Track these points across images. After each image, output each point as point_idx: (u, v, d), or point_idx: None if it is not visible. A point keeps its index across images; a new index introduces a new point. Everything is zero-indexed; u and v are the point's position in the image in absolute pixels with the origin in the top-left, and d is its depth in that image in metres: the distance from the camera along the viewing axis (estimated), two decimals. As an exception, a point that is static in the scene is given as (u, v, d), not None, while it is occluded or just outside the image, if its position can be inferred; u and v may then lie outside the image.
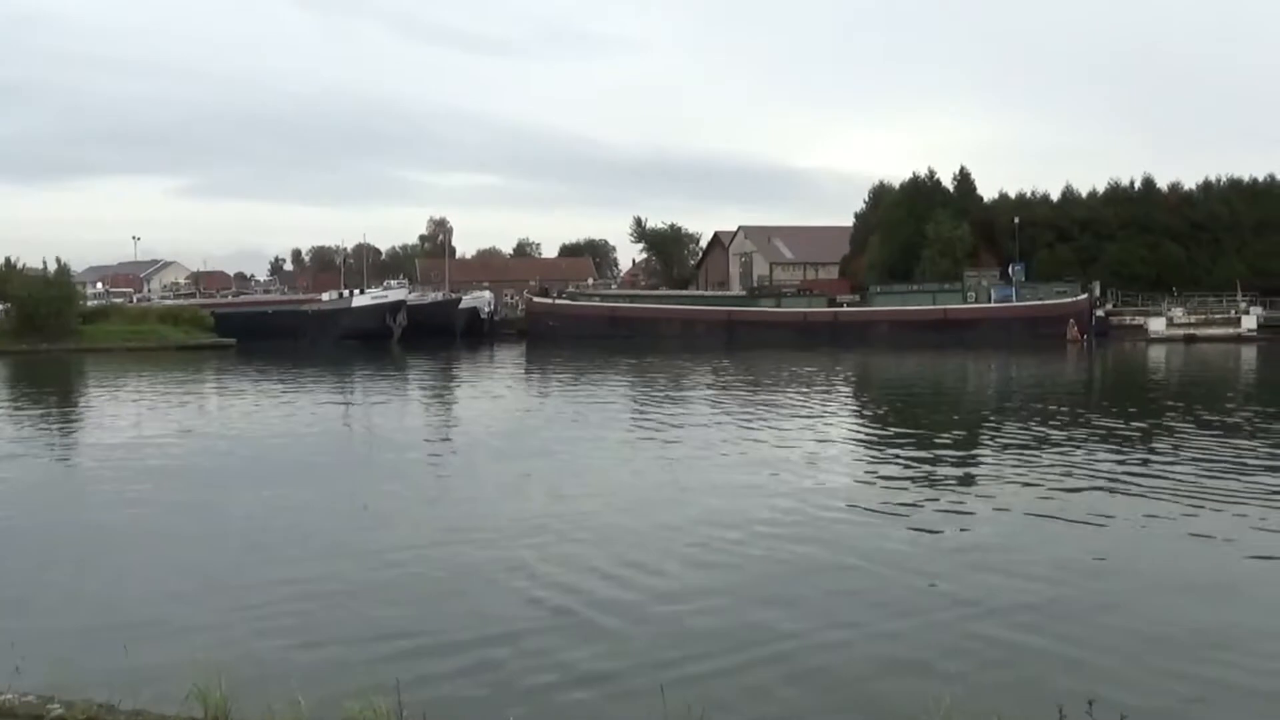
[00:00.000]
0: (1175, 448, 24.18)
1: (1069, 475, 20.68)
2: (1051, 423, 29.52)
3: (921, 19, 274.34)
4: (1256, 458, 22.55)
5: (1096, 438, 26.20)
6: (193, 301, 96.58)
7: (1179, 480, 19.88)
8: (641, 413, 33.77)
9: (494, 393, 42.28)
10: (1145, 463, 22.17)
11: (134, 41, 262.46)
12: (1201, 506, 17.54)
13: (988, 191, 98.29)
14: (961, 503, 18.24)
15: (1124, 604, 12.37)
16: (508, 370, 56.67)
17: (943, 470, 21.96)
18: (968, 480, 20.83)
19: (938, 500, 18.48)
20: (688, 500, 18.49)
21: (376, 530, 16.34)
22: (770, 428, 28.74)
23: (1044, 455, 23.36)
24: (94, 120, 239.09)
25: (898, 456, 23.70)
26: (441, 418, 34.94)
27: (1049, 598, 12.52)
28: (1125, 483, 19.75)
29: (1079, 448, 24.38)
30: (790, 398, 37.93)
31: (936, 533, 16.02)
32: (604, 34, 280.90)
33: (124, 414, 34.42)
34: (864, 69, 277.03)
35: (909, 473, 21.54)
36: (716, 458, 23.49)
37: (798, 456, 23.45)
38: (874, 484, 20.17)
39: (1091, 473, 21.02)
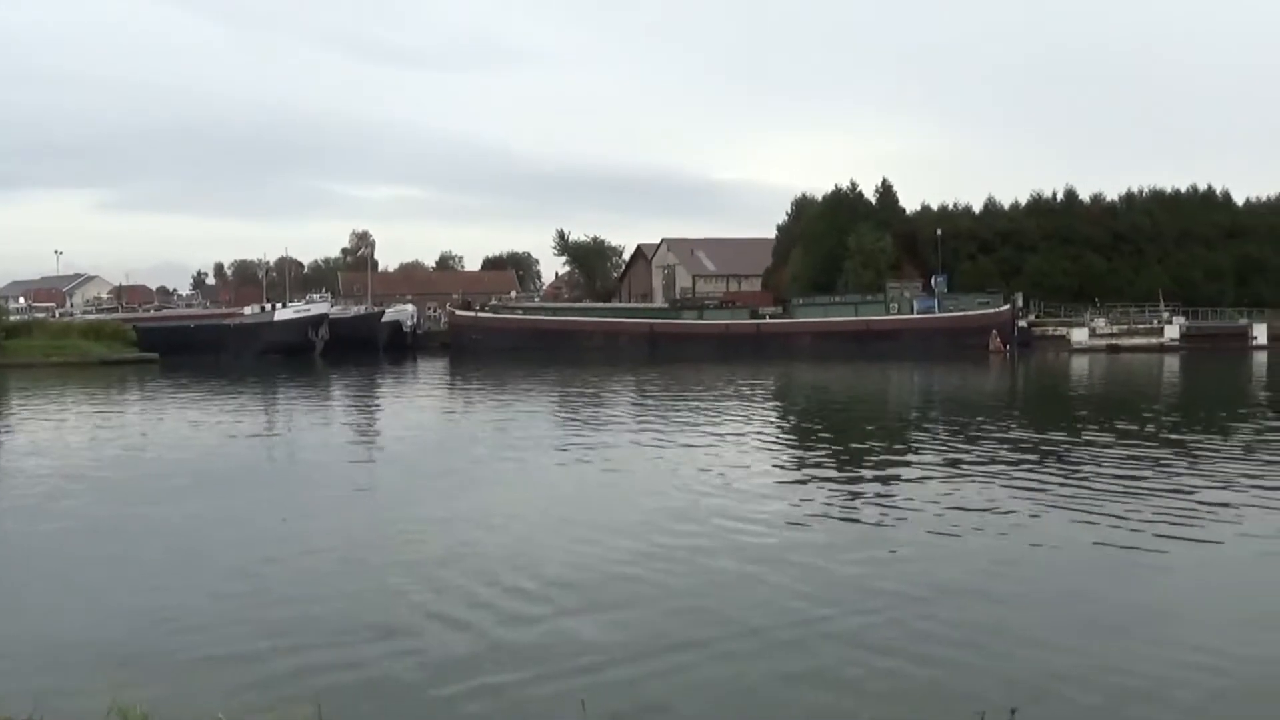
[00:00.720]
0: (1094, 457, 24.42)
1: (989, 484, 20.86)
2: (971, 433, 29.70)
3: (845, 32, 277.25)
4: (1174, 465, 22.95)
5: (1015, 447, 26.62)
6: (115, 316, 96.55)
7: (1097, 489, 20.06)
8: (563, 426, 33.74)
9: (417, 406, 42.19)
10: (1062, 471, 22.52)
11: (54, 54, 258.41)
12: (1119, 515, 17.69)
13: (910, 203, 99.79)
14: (882, 513, 18.26)
15: (1035, 612, 12.45)
16: (431, 384, 56.49)
17: (865, 481, 22.11)
18: (887, 491, 20.86)
19: (858, 511, 18.60)
20: (604, 512, 18.52)
21: (295, 543, 16.37)
22: (690, 441, 28.62)
23: (964, 465, 23.50)
24: (15, 134, 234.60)
25: (817, 468, 23.73)
26: (363, 431, 34.72)
27: (965, 607, 12.60)
28: (1042, 491, 19.98)
29: (998, 457, 24.60)
30: (711, 410, 37.87)
31: (857, 544, 15.99)
32: (526, 47, 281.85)
33: (45, 429, 34.14)
34: (787, 81, 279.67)
35: (828, 484, 21.52)
36: (635, 471, 23.45)
37: (716, 469, 23.37)
38: (792, 495, 20.15)
39: (1011, 482, 21.18)
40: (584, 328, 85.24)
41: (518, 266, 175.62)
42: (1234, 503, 18.71)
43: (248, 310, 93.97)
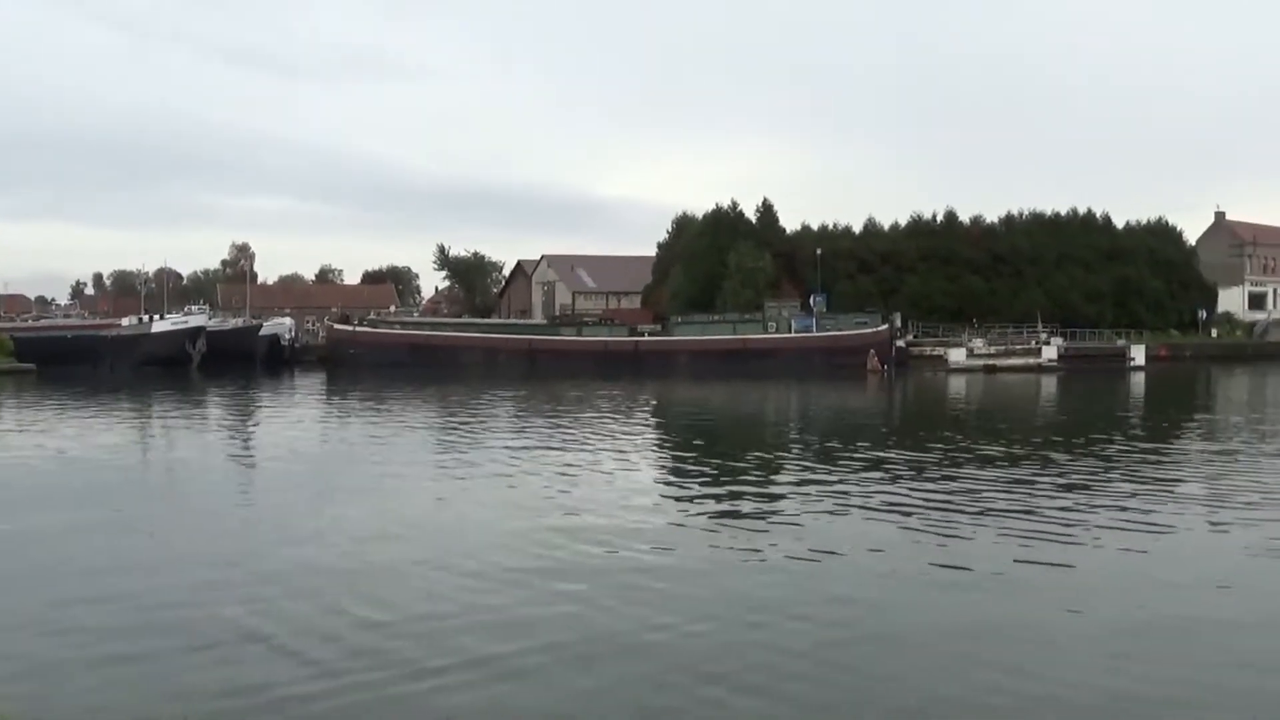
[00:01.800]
0: (961, 476, 25.06)
1: (863, 503, 21.28)
2: (844, 453, 30.17)
3: (729, 52, 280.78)
4: (1039, 485, 23.56)
5: (887, 467, 26.93)
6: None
7: (969, 509, 20.62)
8: (438, 442, 33.75)
9: (292, 421, 41.65)
10: (934, 491, 22.83)
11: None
12: (968, 534, 18.24)
13: (790, 223, 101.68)
14: (747, 535, 18.50)
15: (894, 636, 12.68)
16: (307, 398, 55.89)
17: (736, 501, 22.20)
18: (755, 511, 21.10)
19: (725, 532, 18.77)
20: (473, 530, 18.71)
21: (159, 553, 16.60)
22: (562, 459, 28.75)
23: (836, 484, 23.87)
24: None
25: (689, 488, 24.02)
26: (237, 446, 34.32)
27: (839, 628, 12.89)
28: (914, 511, 20.36)
29: (869, 477, 25.05)
30: (587, 428, 38.00)
31: (717, 566, 16.19)
32: (410, 60, 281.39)
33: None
34: (670, 99, 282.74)
35: (699, 503, 21.83)
36: (508, 488, 23.64)
37: (589, 486, 23.75)
38: (666, 513, 20.49)
39: (881, 500, 21.64)
40: (463, 343, 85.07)
41: (398, 281, 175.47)
42: (1094, 523, 19.10)
43: (125, 321, 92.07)
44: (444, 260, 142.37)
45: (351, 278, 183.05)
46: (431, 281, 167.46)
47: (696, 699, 10.57)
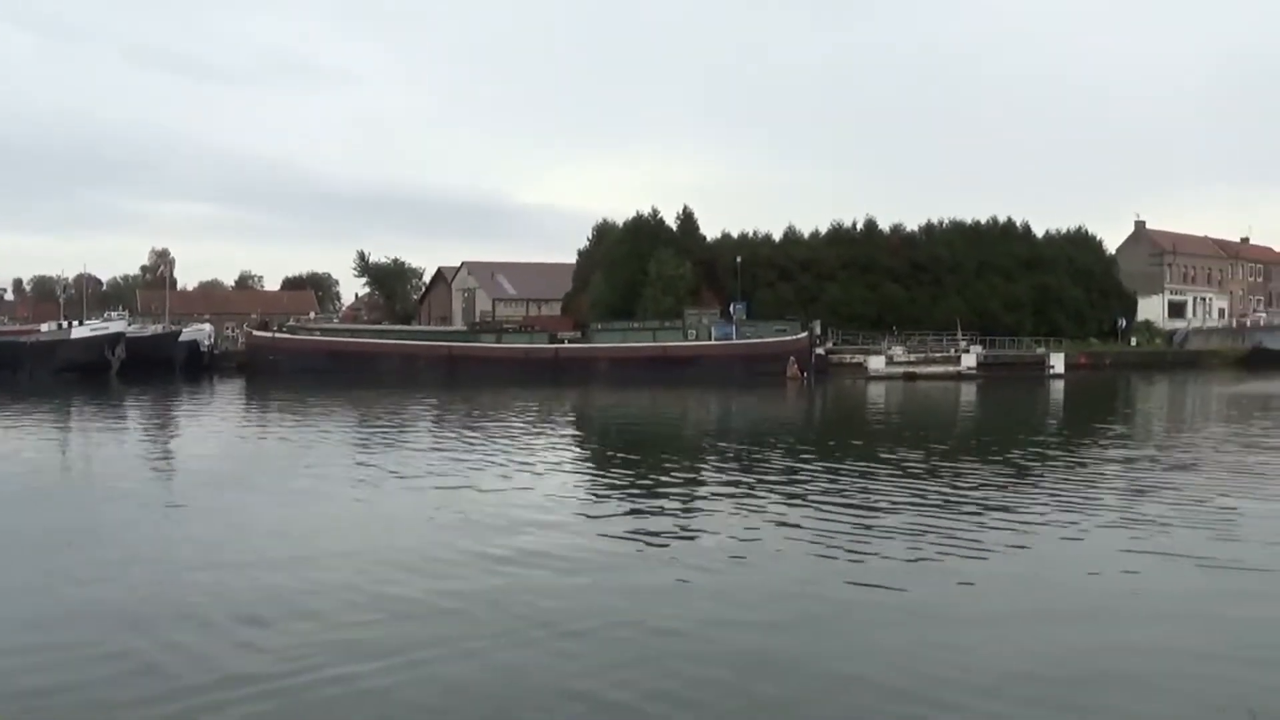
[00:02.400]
0: (878, 484, 25.33)
1: (779, 514, 21.34)
2: (762, 460, 30.85)
3: (649, 60, 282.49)
4: (947, 492, 23.99)
5: (804, 473, 27.27)
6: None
7: (879, 519, 20.91)
8: (355, 450, 33.72)
9: (211, 429, 41.73)
10: (847, 501, 23.00)
11: None
12: (902, 541, 18.59)
13: (711, 231, 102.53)
14: (664, 544, 18.71)
15: (816, 643, 12.90)
16: (226, 405, 55.81)
17: (651, 511, 22.30)
18: (672, 517, 21.41)
19: (638, 542, 18.93)
20: (384, 541, 18.77)
21: (76, 566, 16.50)
22: (477, 468, 28.79)
23: (751, 493, 24.20)
24: None
25: (605, 495, 24.39)
26: (154, 453, 34.22)
27: (766, 638, 13.01)
28: (826, 521, 20.56)
29: (786, 484, 25.39)
30: (505, 436, 38.22)
31: (636, 581, 16.21)
32: (332, 66, 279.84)
33: None
34: (591, 106, 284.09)
35: (613, 512, 22.05)
36: (419, 498, 23.73)
37: (505, 495, 23.94)
38: (577, 523, 20.68)
39: (796, 511, 21.75)
40: (382, 350, 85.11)
41: (317, 287, 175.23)
42: (996, 538, 19.24)
43: (44, 327, 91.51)
44: (364, 267, 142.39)
45: (271, 284, 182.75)
46: (351, 288, 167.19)
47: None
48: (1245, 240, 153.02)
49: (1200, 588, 15.37)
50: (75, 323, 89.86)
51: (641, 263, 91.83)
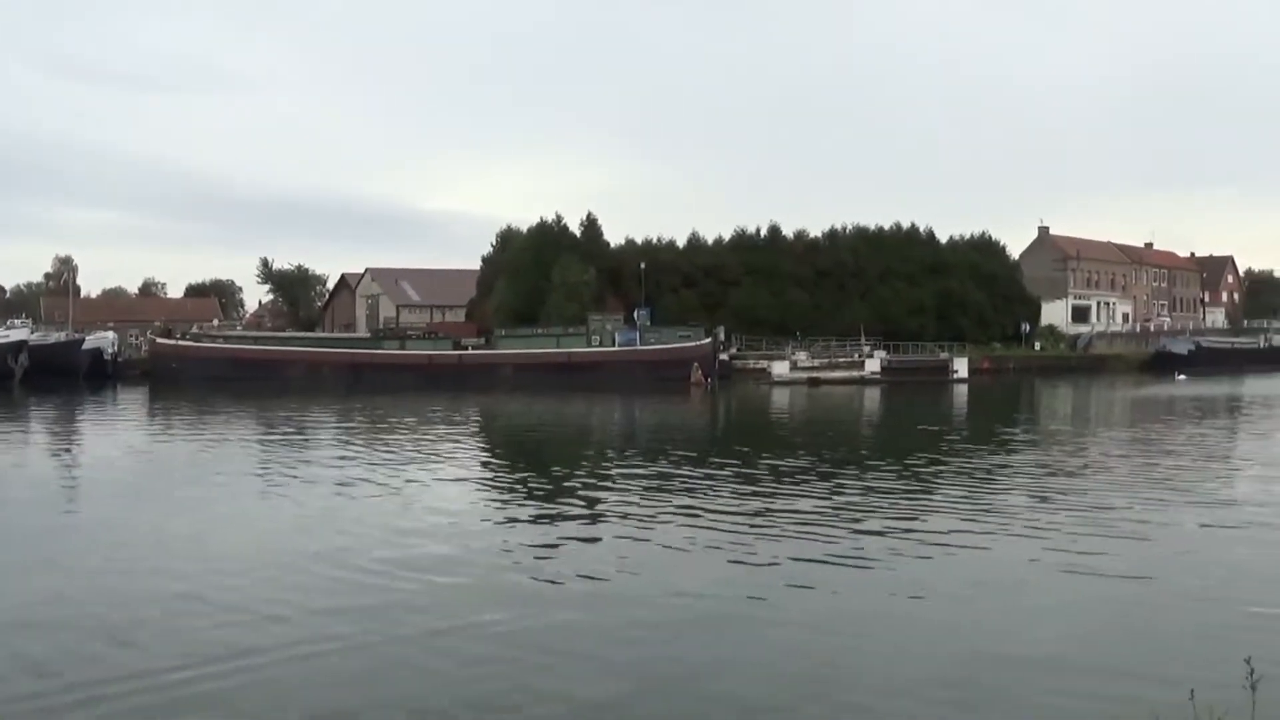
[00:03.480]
0: (779, 490, 26.23)
1: (687, 515, 22.31)
2: (668, 465, 31.60)
3: (553, 67, 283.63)
4: (855, 496, 25.02)
5: (705, 479, 28.13)
6: None
7: (780, 518, 21.94)
8: (255, 457, 34.38)
9: (111, 436, 42.24)
10: (748, 501, 24.29)
11: None
12: (806, 540, 19.59)
13: (615, 237, 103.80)
14: (561, 554, 19.19)
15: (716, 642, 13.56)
16: (129, 414, 56.24)
17: (555, 516, 22.94)
18: (582, 523, 22.08)
19: (554, 542, 19.82)
20: (274, 546, 19.37)
21: None
22: (381, 476, 29.27)
23: (657, 497, 24.99)
24: None
25: (507, 503, 24.97)
26: (54, 462, 34.74)
27: (666, 644, 13.52)
28: (731, 523, 21.48)
29: (690, 489, 26.25)
30: (408, 443, 38.93)
31: (530, 589, 16.67)
32: (232, 72, 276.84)
33: None
34: (496, 113, 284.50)
35: (520, 515, 22.85)
36: (321, 504, 24.25)
37: (405, 502, 24.55)
38: (490, 528, 21.37)
39: (703, 513, 22.62)
40: (286, 357, 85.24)
41: (221, 294, 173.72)
42: (888, 530, 20.57)
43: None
44: (267, 273, 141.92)
45: (175, 291, 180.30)
46: (255, 295, 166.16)
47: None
48: (1149, 246, 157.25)
49: (1098, 593, 15.90)
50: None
51: (546, 269, 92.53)
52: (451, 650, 13.20)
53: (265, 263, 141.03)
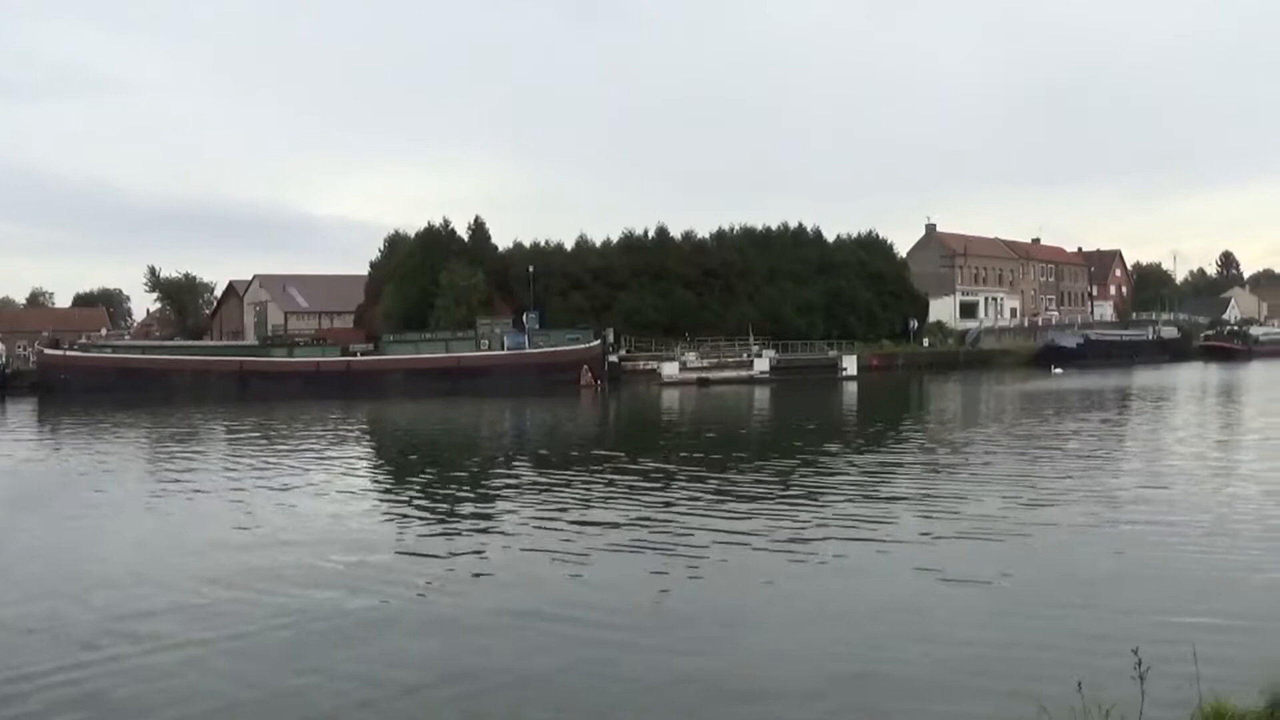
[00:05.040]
0: (663, 490, 27.43)
1: (571, 519, 23.25)
2: (557, 468, 32.80)
3: (441, 71, 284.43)
4: (743, 495, 26.21)
5: (596, 480, 29.37)
6: None
7: (668, 518, 23.01)
8: (143, 468, 35.24)
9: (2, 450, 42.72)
10: (637, 497, 25.67)
11: None
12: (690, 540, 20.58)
13: (503, 241, 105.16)
14: (473, 548, 20.32)
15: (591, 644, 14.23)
16: (17, 426, 56.69)
17: (441, 524, 23.70)
18: (478, 524, 23.14)
19: (449, 547, 20.66)
20: (168, 560, 19.84)
21: None
22: (265, 484, 29.95)
23: (549, 500, 26.06)
24: None
25: (402, 506, 26.05)
26: None
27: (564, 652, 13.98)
28: (617, 520, 22.68)
29: (580, 489, 27.50)
30: (296, 451, 39.52)
31: (449, 586, 17.65)
32: (114, 77, 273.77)
33: None
34: (384, 117, 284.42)
35: (410, 520, 23.91)
36: (196, 518, 24.83)
37: (291, 510, 25.29)
38: (380, 534, 22.27)
39: (598, 511, 23.87)
40: (175, 366, 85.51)
41: (109, 303, 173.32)
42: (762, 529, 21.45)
43: None
44: (155, 282, 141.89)
45: (63, 301, 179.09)
46: (143, 304, 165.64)
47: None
48: (1036, 241, 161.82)
49: (978, 591, 16.53)
50: None
51: (434, 273, 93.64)
52: (326, 653, 13.86)
53: (153, 271, 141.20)
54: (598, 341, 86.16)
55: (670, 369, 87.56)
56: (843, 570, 18.10)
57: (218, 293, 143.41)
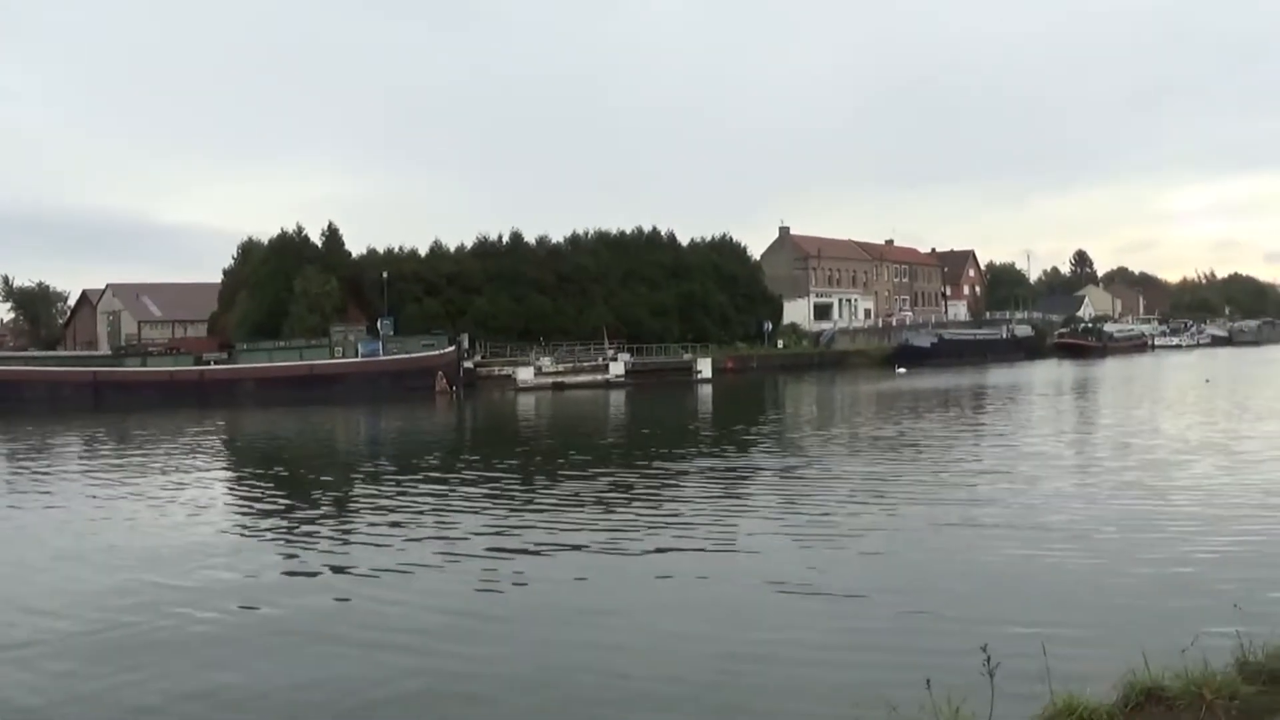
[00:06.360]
0: (518, 492, 28.35)
1: (441, 521, 23.92)
2: (412, 475, 33.27)
3: (291, 75, 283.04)
4: (593, 498, 26.79)
5: (452, 485, 30.04)
6: None
7: (521, 523, 23.58)
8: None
9: None
10: (496, 503, 26.32)
11: None
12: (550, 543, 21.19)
13: (357, 247, 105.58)
14: (327, 557, 20.55)
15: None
16: None
17: (313, 524, 24.38)
18: (334, 534, 23.34)
19: (308, 558, 20.78)
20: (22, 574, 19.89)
21: None
22: (118, 497, 29.92)
23: (402, 508, 26.41)
24: None
25: (256, 516, 26.34)
26: None
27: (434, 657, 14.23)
28: (473, 526, 23.13)
29: (423, 499, 27.82)
30: (148, 463, 39.35)
31: (315, 596, 17.79)
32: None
33: None
34: (235, 123, 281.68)
35: (267, 530, 24.17)
36: (71, 526, 24.98)
37: (139, 523, 25.16)
38: (238, 543, 22.49)
39: (448, 518, 24.38)
40: (26, 377, 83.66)
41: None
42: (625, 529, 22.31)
43: None
44: (8, 291, 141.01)
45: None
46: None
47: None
48: (890, 242, 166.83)
49: (824, 598, 16.59)
50: None
51: (287, 281, 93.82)
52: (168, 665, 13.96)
53: (5, 280, 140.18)
54: (452, 348, 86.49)
55: (525, 374, 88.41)
56: (689, 578, 18.22)
57: (71, 302, 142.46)
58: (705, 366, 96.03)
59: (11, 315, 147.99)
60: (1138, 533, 20.34)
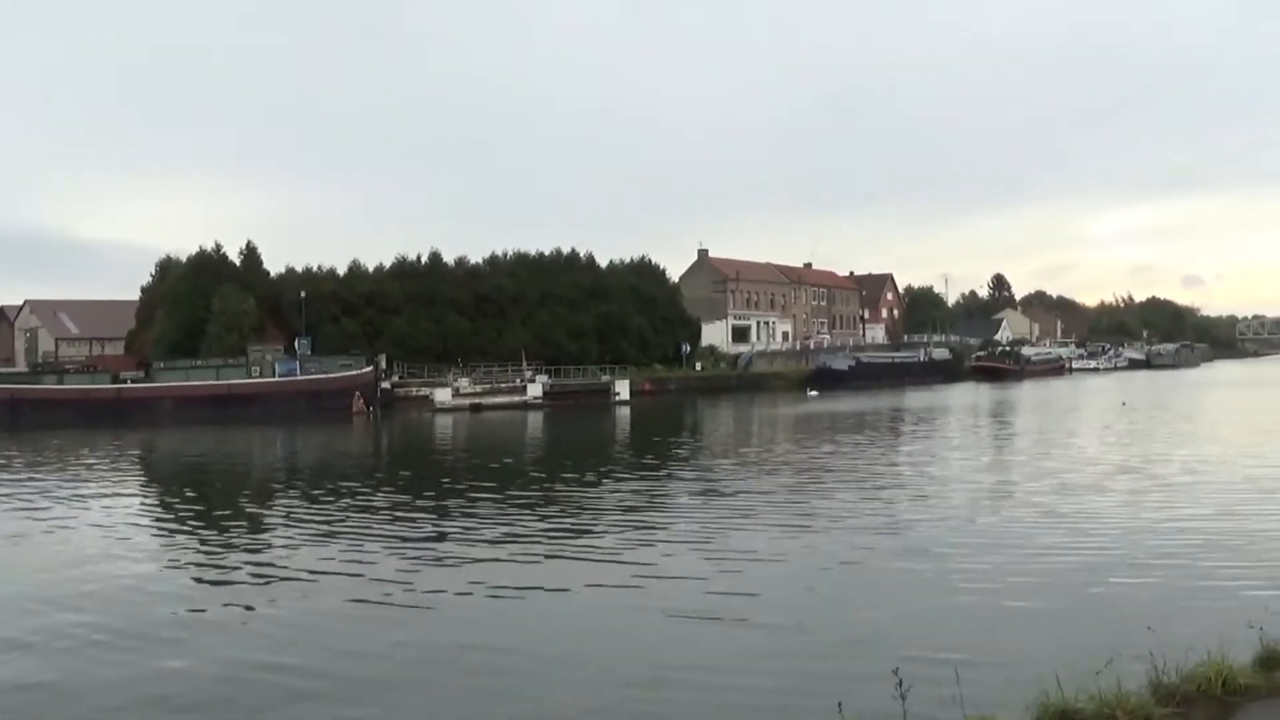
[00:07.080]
0: (428, 514, 28.84)
1: (351, 545, 24.08)
2: (325, 495, 33.54)
3: (211, 91, 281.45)
4: (506, 519, 27.24)
5: (369, 507, 30.42)
6: None
7: (424, 543, 24.13)
8: None
9: None
10: (410, 523, 26.93)
11: None
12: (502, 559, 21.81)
13: (275, 266, 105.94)
14: (244, 576, 20.99)
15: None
16: None
17: (230, 545, 24.65)
18: (252, 553, 23.73)
19: (225, 576, 21.30)
20: None
21: None
22: (32, 517, 30.09)
23: (317, 523, 27.12)
24: None
25: (169, 537, 26.42)
26: None
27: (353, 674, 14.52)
28: (392, 549, 23.53)
29: (345, 515, 28.56)
30: (59, 482, 39.69)
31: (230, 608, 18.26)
32: None
33: None
34: (155, 138, 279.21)
35: (186, 550, 24.32)
36: None
37: (56, 545, 25.29)
38: (151, 565, 22.59)
39: (362, 538, 24.80)
40: None
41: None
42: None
43: None
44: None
45: None
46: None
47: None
48: (808, 266, 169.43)
49: (738, 621, 16.66)
50: None
51: (205, 299, 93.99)
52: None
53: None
54: (369, 368, 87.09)
55: (443, 395, 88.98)
56: (596, 604, 18.22)
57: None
58: (623, 388, 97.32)
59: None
60: (1051, 556, 20.59)
